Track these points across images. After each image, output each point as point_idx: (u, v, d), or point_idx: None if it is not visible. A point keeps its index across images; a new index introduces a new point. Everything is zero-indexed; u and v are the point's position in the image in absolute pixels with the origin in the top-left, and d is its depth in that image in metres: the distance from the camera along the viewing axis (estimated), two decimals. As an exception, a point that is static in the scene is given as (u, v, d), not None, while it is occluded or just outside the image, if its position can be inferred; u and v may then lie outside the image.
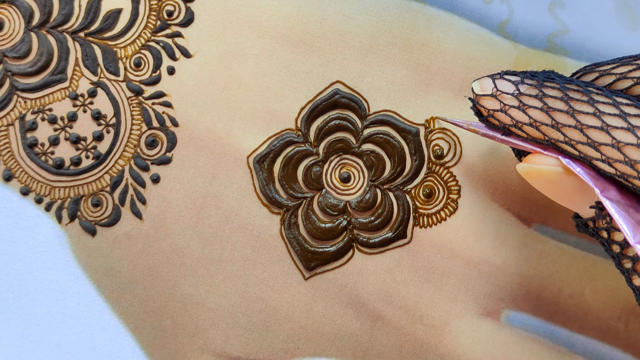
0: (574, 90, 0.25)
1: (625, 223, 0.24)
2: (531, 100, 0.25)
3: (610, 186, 0.24)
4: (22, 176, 0.33)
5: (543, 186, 0.26)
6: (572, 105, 0.25)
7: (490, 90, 0.26)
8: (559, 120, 0.25)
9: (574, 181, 0.25)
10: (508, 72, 0.27)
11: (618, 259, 0.25)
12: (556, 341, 0.33)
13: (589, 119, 0.24)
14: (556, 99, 0.25)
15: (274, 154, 0.33)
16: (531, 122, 0.25)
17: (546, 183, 0.26)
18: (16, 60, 0.33)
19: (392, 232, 0.33)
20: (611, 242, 0.25)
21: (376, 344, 0.33)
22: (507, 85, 0.26)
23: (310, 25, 0.33)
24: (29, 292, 0.33)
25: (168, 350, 0.33)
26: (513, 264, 0.33)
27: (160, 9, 0.34)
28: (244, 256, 0.33)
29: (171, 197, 0.33)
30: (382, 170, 0.33)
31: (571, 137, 0.24)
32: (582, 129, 0.24)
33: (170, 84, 0.33)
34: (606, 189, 0.24)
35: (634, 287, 0.25)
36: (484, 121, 0.27)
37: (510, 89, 0.26)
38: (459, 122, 0.30)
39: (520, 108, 0.26)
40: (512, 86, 0.26)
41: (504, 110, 0.26)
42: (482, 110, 0.27)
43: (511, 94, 0.26)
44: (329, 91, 0.33)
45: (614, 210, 0.24)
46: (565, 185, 0.26)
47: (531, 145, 0.26)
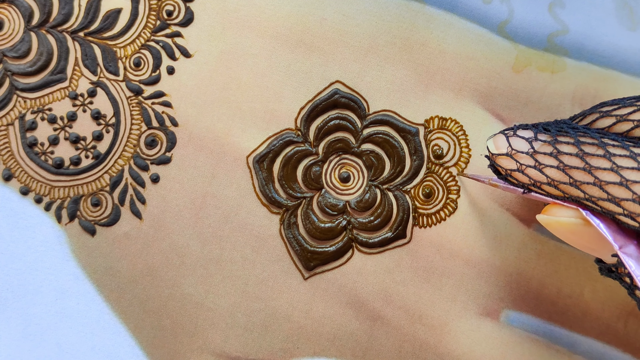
0: (589, 144, 0.25)
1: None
2: (547, 158, 0.25)
3: (630, 240, 0.24)
4: (22, 176, 0.33)
5: (565, 236, 0.26)
6: (588, 161, 0.24)
7: (505, 149, 0.26)
8: (576, 178, 0.24)
9: (594, 232, 0.25)
10: (521, 125, 0.26)
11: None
12: (555, 341, 0.33)
13: (607, 175, 0.24)
14: (572, 156, 0.25)
15: (273, 153, 0.33)
16: (549, 182, 0.25)
17: (567, 234, 0.26)
18: (16, 60, 0.33)
19: (391, 232, 0.33)
20: (634, 287, 0.25)
21: (375, 344, 0.33)
22: (521, 143, 0.26)
23: (309, 25, 0.33)
24: (29, 291, 0.33)
25: (167, 350, 0.33)
26: (512, 264, 0.33)
27: (160, 9, 0.34)
28: (243, 256, 0.33)
29: (171, 196, 0.33)
30: (381, 170, 0.33)
31: (591, 194, 0.24)
32: (601, 185, 0.24)
33: (169, 83, 0.33)
34: (626, 244, 0.24)
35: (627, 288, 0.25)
36: (504, 179, 0.27)
37: (525, 148, 0.26)
38: (481, 177, 0.30)
39: (537, 168, 0.25)
40: (527, 144, 0.26)
41: (520, 170, 0.26)
42: (500, 170, 0.27)
43: (526, 153, 0.26)
44: (328, 91, 0.33)
45: (634, 266, 0.24)
46: (587, 236, 0.25)
47: (555, 200, 0.26)
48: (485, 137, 0.33)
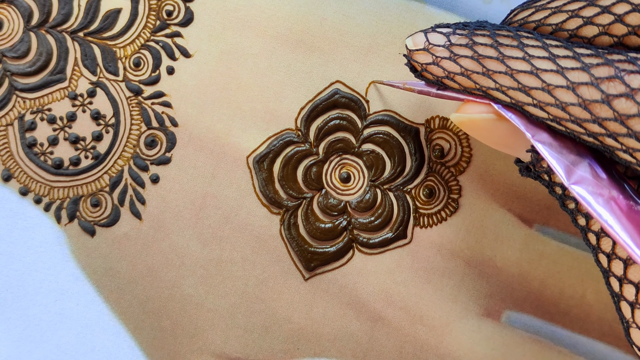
0: (504, 36, 0.25)
1: (559, 164, 0.24)
2: (462, 49, 0.25)
3: (542, 130, 0.24)
4: (21, 176, 0.33)
5: (478, 134, 0.26)
6: (501, 51, 0.24)
7: (422, 44, 0.26)
8: (489, 67, 0.24)
9: (507, 127, 0.25)
10: (441, 25, 0.27)
11: (562, 201, 0.25)
12: (557, 342, 0.33)
13: (519, 64, 0.24)
14: (486, 46, 0.25)
15: (273, 154, 0.33)
16: (462, 72, 0.25)
17: (481, 131, 0.26)
18: (15, 60, 0.33)
19: (392, 233, 0.33)
20: (553, 184, 0.25)
21: (376, 345, 0.33)
22: (439, 37, 0.26)
23: (310, 25, 0.33)
24: (28, 292, 0.33)
25: (167, 351, 0.33)
26: (514, 264, 0.33)
27: (160, 9, 0.34)
28: (243, 257, 0.33)
29: (170, 197, 0.33)
30: (382, 170, 0.33)
31: (502, 84, 0.24)
32: (512, 74, 0.24)
33: (169, 83, 0.33)
34: (538, 132, 0.24)
35: (579, 227, 0.25)
36: (419, 77, 0.27)
37: (441, 41, 0.26)
38: (395, 83, 0.30)
39: (451, 58, 0.25)
40: (444, 38, 0.26)
41: (436, 62, 0.26)
42: (415, 65, 0.27)
43: (442, 46, 0.26)
44: (328, 91, 0.33)
45: (547, 153, 0.24)
46: (500, 131, 0.25)
47: (465, 96, 0.26)
48: (486, 136, 0.33)
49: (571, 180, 0.23)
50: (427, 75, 0.27)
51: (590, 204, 0.23)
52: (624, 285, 0.24)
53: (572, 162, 0.24)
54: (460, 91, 0.26)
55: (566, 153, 0.24)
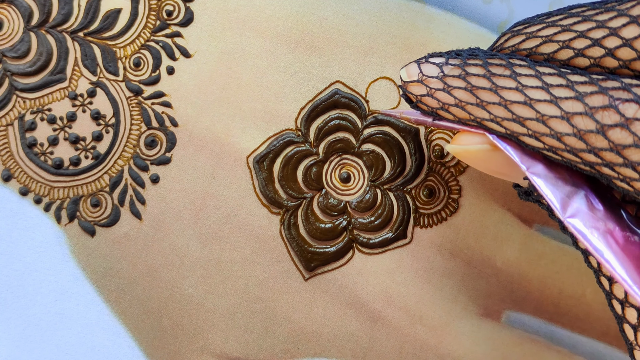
0: (497, 65, 0.25)
1: (555, 197, 0.23)
2: (455, 80, 0.25)
3: (537, 161, 0.24)
4: (21, 176, 0.33)
5: (475, 163, 0.26)
6: (494, 81, 0.24)
7: (416, 76, 0.26)
8: (483, 98, 0.24)
9: (503, 157, 0.25)
10: (434, 54, 0.27)
11: (562, 224, 0.25)
12: (557, 342, 0.33)
13: (512, 95, 0.24)
14: (479, 77, 0.25)
15: (273, 154, 0.33)
16: (457, 103, 0.25)
17: (476, 161, 0.26)
18: (15, 60, 0.33)
19: (392, 233, 0.33)
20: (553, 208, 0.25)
21: (376, 345, 0.33)
22: (432, 68, 0.26)
23: (310, 25, 0.33)
24: (28, 292, 0.33)
25: (167, 351, 0.33)
26: (513, 264, 0.33)
27: (160, 9, 0.34)
28: (243, 257, 0.33)
29: (170, 197, 0.33)
30: (382, 171, 0.33)
31: (496, 114, 0.24)
32: (506, 105, 0.24)
33: (169, 83, 0.33)
34: (533, 164, 0.24)
35: (580, 250, 0.25)
36: (415, 108, 0.27)
37: (434, 72, 0.26)
38: (392, 112, 0.30)
39: (445, 90, 0.25)
40: (437, 69, 0.26)
41: (430, 94, 0.26)
42: (410, 96, 0.27)
43: (436, 77, 0.26)
44: (328, 91, 0.33)
45: (542, 184, 0.24)
46: (495, 161, 0.25)
47: (461, 127, 0.26)
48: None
49: (567, 213, 0.23)
50: (422, 107, 0.26)
51: (587, 238, 0.23)
52: (626, 308, 0.23)
53: (568, 194, 0.24)
54: (456, 122, 0.26)
55: (562, 185, 0.24)
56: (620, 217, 0.23)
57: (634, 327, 0.23)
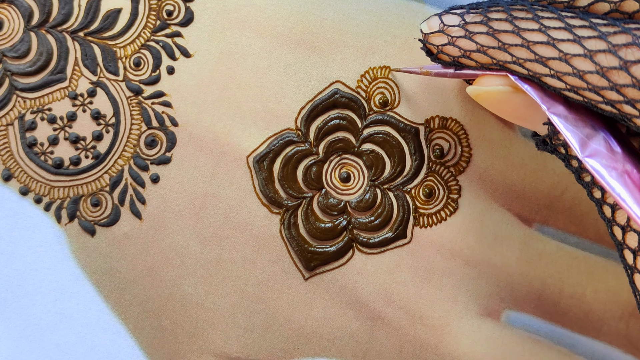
0: (519, 9, 0.25)
1: (574, 137, 0.24)
2: (477, 27, 0.25)
3: (558, 102, 0.24)
4: (22, 176, 0.33)
5: (495, 107, 0.26)
6: (517, 24, 0.24)
7: (437, 27, 0.26)
8: (505, 41, 0.25)
9: (523, 99, 0.25)
10: (454, 6, 0.27)
11: (577, 174, 0.25)
12: (557, 342, 0.33)
13: (535, 36, 0.24)
14: (501, 21, 0.25)
15: (273, 153, 0.33)
16: (479, 48, 0.25)
17: (497, 103, 0.26)
18: (15, 60, 0.33)
19: (392, 232, 0.33)
20: (570, 157, 0.25)
21: (376, 345, 0.33)
22: (453, 18, 0.26)
23: (310, 25, 0.33)
24: (28, 292, 0.33)
25: (167, 351, 0.33)
26: (514, 264, 0.33)
27: (160, 9, 0.34)
28: (243, 256, 0.33)
29: (171, 197, 0.33)
30: (382, 170, 0.33)
31: (519, 56, 0.24)
32: (528, 45, 0.24)
33: (169, 83, 0.33)
34: (554, 105, 0.24)
35: (595, 200, 0.25)
36: (435, 60, 0.27)
37: (456, 21, 0.26)
38: (412, 68, 0.30)
39: (467, 37, 0.25)
40: (458, 18, 0.26)
41: (452, 42, 0.26)
42: (431, 48, 0.27)
43: (457, 26, 0.26)
44: (328, 91, 0.33)
45: (562, 125, 0.24)
46: (516, 104, 0.26)
47: (482, 72, 0.26)
48: (485, 136, 0.33)
49: (585, 153, 0.23)
50: (443, 57, 0.27)
51: (604, 177, 0.23)
52: (638, 257, 0.24)
53: (587, 135, 0.24)
54: (477, 68, 0.26)
55: (581, 126, 0.24)
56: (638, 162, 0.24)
57: (633, 252, 0.24)
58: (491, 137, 0.33)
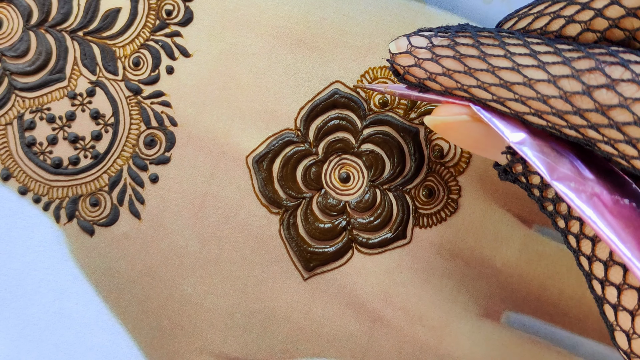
0: (486, 36, 0.25)
1: (541, 163, 0.24)
2: (444, 50, 0.25)
3: (521, 131, 0.24)
4: (20, 175, 0.33)
5: (453, 137, 0.26)
6: (483, 50, 0.25)
7: (405, 47, 0.26)
8: (471, 65, 0.25)
9: (482, 129, 0.25)
10: (423, 29, 0.27)
11: (540, 203, 0.25)
12: (557, 343, 0.33)
13: (501, 61, 0.24)
14: (468, 46, 0.25)
15: (273, 153, 0.33)
16: (444, 72, 0.25)
17: (455, 133, 0.26)
18: (14, 59, 0.33)
19: (391, 233, 0.33)
20: (531, 186, 0.25)
21: (375, 345, 0.33)
22: (421, 40, 0.26)
23: (309, 24, 0.33)
24: (27, 291, 0.33)
25: (166, 351, 0.33)
26: (513, 265, 0.33)
27: (159, 8, 0.34)
28: (242, 256, 0.33)
29: (170, 197, 0.33)
30: (381, 171, 0.33)
31: (484, 81, 0.24)
32: (493, 71, 0.24)
33: (169, 83, 0.33)
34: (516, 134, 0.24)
35: (559, 230, 0.25)
36: (401, 80, 0.27)
37: (423, 43, 0.26)
38: (377, 87, 0.30)
39: (433, 59, 0.25)
40: (426, 40, 0.26)
41: (418, 64, 0.26)
42: (398, 69, 0.27)
43: (425, 48, 0.26)
44: (328, 91, 0.33)
45: (529, 152, 0.24)
46: (474, 133, 0.26)
47: (445, 98, 0.26)
48: (485, 137, 0.33)
49: (553, 176, 0.23)
50: (409, 78, 0.27)
51: (573, 201, 0.23)
52: (605, 287, 0.24)
53: (554, 160, 0.24)
54: (441, 93, 0.26)
55: (547, 151, 0.24)
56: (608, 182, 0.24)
57: (614, 307, 0.23)
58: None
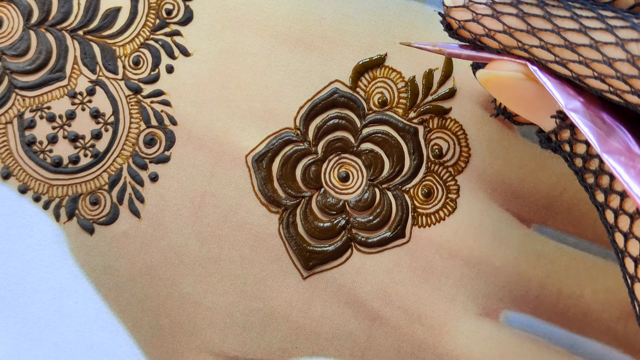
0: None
1: (592, 133, 0.23)
2: (506, 7, 0.25)
3: (575, 99, 0.24)
4: (20, 174, 0.33)
5: (504, 94, 0.26)
6: (548, 10, 0.24)
7: (462, 1, 0.25)
8: (535, 25, 0.24)
9: (535, 88, 0.25)
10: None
11: (581, 174, 0.25)
12: (555, 342, 0.33)
13: (567, 22, 0.23)
14: (532, 5, 0.24)
15: (272, 153, 0.33)
16: (505, 29, 0.25)
17: (507, 90, 0.25)
18: (15, 58, 0.33)
19: (390, 232, 0.33)
20: (574, 155, 0.25)
21: (374, 344, 0.33)
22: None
23: (309, 24, 0.33)
24: (27, 290, 0.33)
25: (165, 349, 0.33)
26: (512, 264, 0.33)
27: (159, 8, 0.34)
28: (242, 255, 0.33)
29: (169, 195, 0.33)
30: (380, 170, 0.33)
31: (547, 41, 0.24)
32: (559, 31, 0.24)
33: (169, 82, 0.33)
34: (571, 101, 0.24)
35: (597, 204, 0.25)
36: (453, 36, 0.26)
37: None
38: (425, 45, 0.29)
39: (494, 16, 0.25)
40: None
41: (476, 19, 0.25)
42: (452, 23, 0.26)
43: (484, 4, 0.25)
44: (327, 90, 0.33)
45: (580, 121, 0.23)
46: (526, 92, 0.25)
47: (500, 57, 0.25)
48: (484, 136, 0.33)
49: (604, 148, 0.23)
50: (464, 33, 0.26)
51: (621, 175, 0.22)
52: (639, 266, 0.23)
53: (606, 132, 0.23)
54: (497, 51, 0.25)
55: (599, 123, 0.23)
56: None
57: (635, 260, 0.23)
58: (490, 137, 0.33)
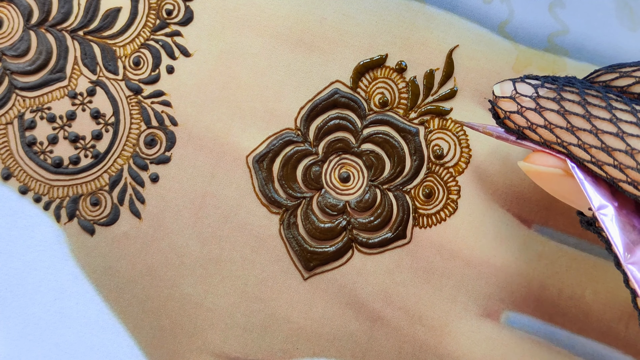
0: (593, 95, 0.25)
1: (620, 240, 0.24)
2: (549, 103, 0.26)
3: (609, 201, 0.24)
4: (21, 175, 0.33)
5: (544, 184, 0.27)
6: (589, 110, 0.25)
7: (509, 92, 0.27)
8: (574, 123, 0.25)
9: (574, 185, 0.26)
10: (530, 76, 0.27)
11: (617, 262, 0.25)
12: (556, 343, 0.33)
13: (605, 125, 0.24)
14: (574, 103, 0.25)
15: (273, 153, 0.33)
16: (546, 125, 0.25)
17: (547, 182, 0.26)
18: (15, 59, 0.33)
19: (391, 233, 0.33)
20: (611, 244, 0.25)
21: (375, 345, 0.33)
22: (527, 88, 0.26)
23: (309, 24, 0.33)
24: (28, 291, 0.33)
25: (166, 350, 0.33)
26: (513, 265, 0.33)
27: (160, 8, 0.33)
28: (242, 256, 0.33)
29: (170, 196, 0.33)
30: (381, 170, 0.33)
31: (585, 141, 0.25)
32: (597, 133, 0.24)
33: (169, 83, 0.33)
34: (604, 205, 0.24)
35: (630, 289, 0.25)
36: (500, 124, 0.28)
37: (529, 92, 0.26)
38: (475, 125, 0.30)
39: (536, 110, 0.26)
40: (532, 89, 0.26)
41: (520, 112, 0.26)
42: (499, 112, 0.27)
43: (529, 97, 0.26)
44: (328, 91, 0.33)
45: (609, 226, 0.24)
46: (565, 187, 0.26)
47: (543, 149, 0.26)
48: (486, 136, 0.33)
49: (629, 260, 0.23)
50: (509, 124, 0.27)
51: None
52: None
53: (634, 241, 0.24)
54: (539, 143, 0.26)
55: (629, 230, 0.24)
56: None
57: None
58: (491, 138, 0.33)
